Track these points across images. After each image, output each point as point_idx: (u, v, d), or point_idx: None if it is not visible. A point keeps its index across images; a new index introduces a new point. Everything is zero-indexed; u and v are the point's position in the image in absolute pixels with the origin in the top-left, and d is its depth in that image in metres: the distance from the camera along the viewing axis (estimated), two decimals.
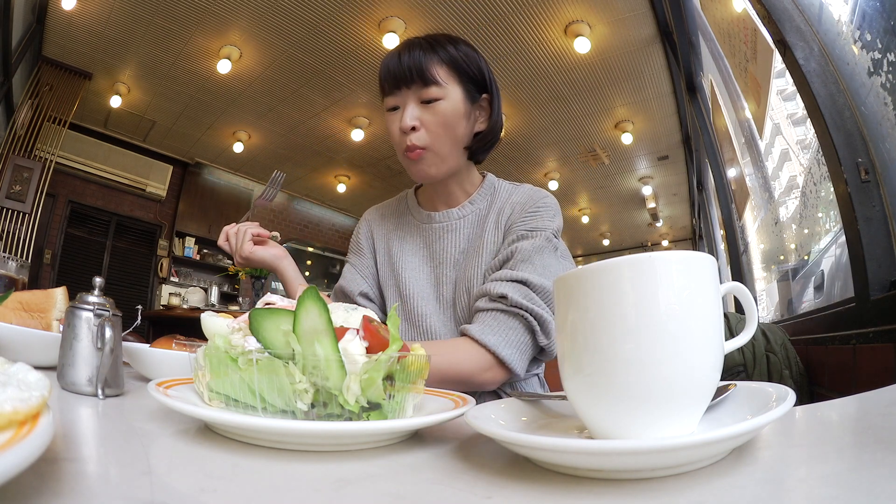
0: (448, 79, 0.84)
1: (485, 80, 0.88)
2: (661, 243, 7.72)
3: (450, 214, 0.94)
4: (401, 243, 0.98)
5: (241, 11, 3.70)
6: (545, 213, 0.88)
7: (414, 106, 0.84)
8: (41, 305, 0.77)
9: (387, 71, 0.85)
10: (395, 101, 0.86)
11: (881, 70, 1.35)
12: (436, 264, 0.94)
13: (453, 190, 0.95)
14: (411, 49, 0.84)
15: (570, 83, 4.26)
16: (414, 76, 0.83)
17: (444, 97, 0.84)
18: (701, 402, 0.33)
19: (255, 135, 5.60)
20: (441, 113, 0.84)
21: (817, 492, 0.26)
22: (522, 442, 0.30)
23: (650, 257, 0.31)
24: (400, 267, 0.96)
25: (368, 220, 1.06)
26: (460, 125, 0.86)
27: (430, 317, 0.92)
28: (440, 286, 0.93)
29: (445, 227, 0.94)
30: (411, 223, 0.99)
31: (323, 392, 0.38)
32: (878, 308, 1.22)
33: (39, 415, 0.24)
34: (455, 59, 0.85)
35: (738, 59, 2.61)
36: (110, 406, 0.50)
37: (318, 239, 7.63)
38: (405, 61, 0.83)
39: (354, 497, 0.28)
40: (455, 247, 0.93)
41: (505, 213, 0.90)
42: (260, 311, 0.40)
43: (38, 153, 4.32)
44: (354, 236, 1.06)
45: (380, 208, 1.07)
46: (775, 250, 2.78)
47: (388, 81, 0.86)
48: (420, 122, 0.84)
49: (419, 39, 0.86)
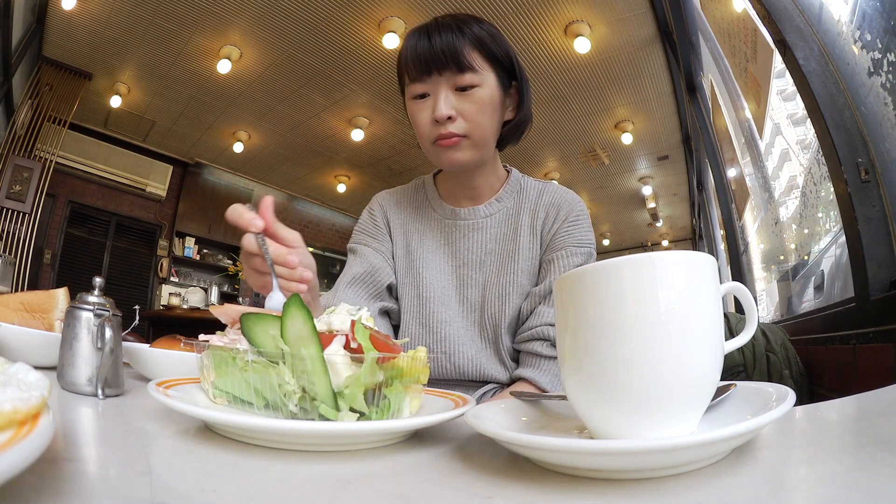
0: (482, 64, 0.77)
1: (514, 67, 0.82)
2: (661, 243, 7.72)
3: (476, 212, 0.88)
4: (420, 238, 0.91)
5: (241, 11, 3.70)
6: (584, 221, 0.85)
7: (449, 93, 0.76)
8: (43, 306, 0.77)
9: (415, 54, 0.76)
10: (423, 87, 0.77)
11: (881, 70, 1.35)
12: (459, 264, 0.88)
13: (479, 184, 0.88)
14: (442, 31, 0.76)
15: (570, 83, 4.26)
16: (448, 61, 0.74)
17: (481, 84, 0.77)
18: (701, 403, 0.33)
19: (255, 135, 5.61)
20: (479, 101, 0.77)
21: (817, 492, 0.26)
22: (522, 442, 0.30)
23: (650, 257, 0.31)
24: (420, 265, 0.88)
25: (382, 205, 0.95)
26: (496, 114, 0.80)
27: (451, 324, 0.86)
28: (464, 288, 0.87)
29: (471, 225, 0.88)
30: (432, 217, 0.92)
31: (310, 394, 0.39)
32: (878, 308, 1.22)
33: (39, 415, 0.24)
34: (486, 44, 0.78)
35: (738, 59, 2.61)
36: (110, 406, 0.50)
37: (318, 239, 7.63)
38: (437, 44, 0.74)
39: (354, 497, 0.28)
40: (481, 248, 0.88)
41: (539, 216, 0.86)
42: (251, 315, 0.41)
43: (38, 153, 4.33)
44: (367, 218, 0.95)
45: (393, 194, 0.97)
46: (775, 250, 2.78)
47: (415, 65, 0.76)
48: (456, 111, 0.76)
49: (447, 19, 0.78)
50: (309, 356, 0.38)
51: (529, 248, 0.86)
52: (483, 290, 0.86)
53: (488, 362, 0.85)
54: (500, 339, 0.84)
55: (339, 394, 0.39)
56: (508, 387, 0.84)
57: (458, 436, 0.44)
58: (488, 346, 0.85)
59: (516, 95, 0.85)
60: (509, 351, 0.85)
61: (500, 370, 0.84)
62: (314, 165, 6.28)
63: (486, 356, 0.85)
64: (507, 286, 0.84)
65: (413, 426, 0.38)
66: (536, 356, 0.79)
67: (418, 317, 0.88)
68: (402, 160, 5.90)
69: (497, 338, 0.84)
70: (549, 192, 0.89)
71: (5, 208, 4.12)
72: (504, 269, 0.85)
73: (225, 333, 0.46)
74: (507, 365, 0.84)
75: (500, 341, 0.84)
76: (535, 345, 0.80)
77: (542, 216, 0.86)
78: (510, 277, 0.84)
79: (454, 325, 0.86)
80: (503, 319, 0.84)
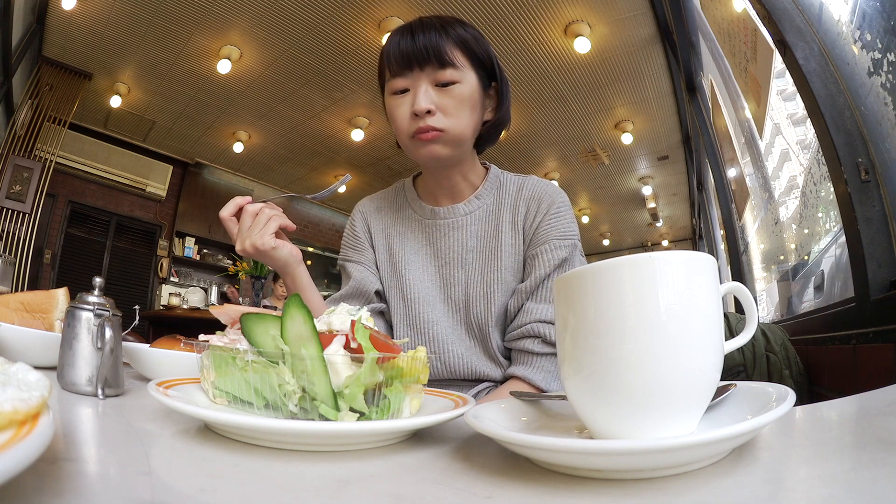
0: (464, 62, 0.79)
1: (494, 68, 0.83)
2: (661, 243, 7.72)
3: (455, 210, 0.89)
4: (402, 240, 0.91)
5: (241, 11, 3.70)
6: (566, 213, 0.85)
7: (429, 87, 0.77)
8: (43, 306, 0.77)
9: (397, 49, 0.77)
10: (404, 82, 0.78)
11: (881, 70, 1.35)
12: (441, 264, 0.88)
13: (457, 182, 0.89)
14: (425, 29, 0.77)
15: (570, 83, 4.26)
16: (430, 56, 0.76)
17: (461, 81, 0.78)
18: (701, 403, 0.33)
19: (255, 135, 5.60)
20: (458, 96, 0.78)
21: (817, 492, 0.26)
22: (522, 442, 0.30)
23: (650, 257, 0.31)
24: (402, 267, 0.89)
25: (363, 213, 0.97)
26: (475, 111, 0.81)
27: (437, 323, 0.86)
28: (448, 288, 0.87)
29: (451, 223, 0.88)
30: (412, 218, 0.92)
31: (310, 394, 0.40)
32: (878, 308, 1.22)
33: (39, 415, 0.24)
34: (468, 43, 0.79)
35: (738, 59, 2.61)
36: (110, 406, 0.50)
37: (318, 239, 7.64)
38: (420, 40, 0.76)
39: (354, 497, 0.28)
40: (462, 245, 0.88)
41: (520, 211, 0.86)
42: (251, 315, 0.41)
43: (38, 153, 4.33)
44: (349, 231, 0.97)
45: (374, 200, 0.98)
46: (775, 250, 2.78)
47: (397, 60, 0.78)
48: (435, 106, 0.77)
49: (430, 19, 0.80)
50: (309, 356, 0.39)
51: (512, 244, 0.86)
52: (466, 289, 0.86)
53: (479, 361, 0.85)
54: (489, 338, 0.84)
55: (339, 394, 0.39)
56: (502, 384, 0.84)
57: (458, 436, 0.44)
58: (477, 345, 0.85)
59: (496, 97, 0.86)
60: (500, 349, 0.85)
61: (491, 368, 0.85)
62: (314, 165, 6.28)
63: (475, 355, 0.85)
64: (492, 284, 0.84)
65: (413, 426, 0.38)
66: (529, 354, 0.80)
67: (406, 319, 0.88)
68: (402, 160, 5.90)
69: (485, 336, 0.84)
70: (529, 186, 0.88)
71: (5, 208, 4.12)
72: (487, 266, 0.85)
73: (225, 333, 0.46)
74: (499, 362, 0.84)
75: (489, 339, 0.84)
76: (526, 342, 0.80)
77: (522, 211, 0.86)
78: (494, 275, 0.84)
79: (441, 325, 0.86)
80: (490, 317, 0.84)
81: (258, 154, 6.01)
